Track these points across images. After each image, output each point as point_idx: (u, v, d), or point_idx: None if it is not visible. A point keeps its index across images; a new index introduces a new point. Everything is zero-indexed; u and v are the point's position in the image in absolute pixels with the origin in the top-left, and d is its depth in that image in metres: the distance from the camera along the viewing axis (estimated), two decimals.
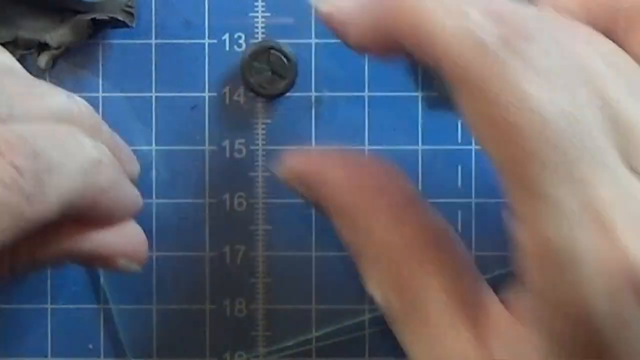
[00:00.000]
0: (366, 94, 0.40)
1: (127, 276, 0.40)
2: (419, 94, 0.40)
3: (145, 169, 0.40)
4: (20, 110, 0.32)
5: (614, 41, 0.29)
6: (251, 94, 0.40)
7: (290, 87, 0.39)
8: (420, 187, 0.40)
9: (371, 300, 0.39)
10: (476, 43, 0.27)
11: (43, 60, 0.39)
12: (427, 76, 0.40)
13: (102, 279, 0.40)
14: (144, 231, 0.39)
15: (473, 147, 0.40)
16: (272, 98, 0.39)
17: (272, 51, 0.39)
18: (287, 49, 0.39)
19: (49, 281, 0.40)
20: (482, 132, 0.27)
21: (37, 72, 0.40)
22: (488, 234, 0.38)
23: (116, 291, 0.40)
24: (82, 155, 0.33)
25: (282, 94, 0.39)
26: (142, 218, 0.39)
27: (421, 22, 0.28)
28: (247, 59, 0.39)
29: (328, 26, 0.31)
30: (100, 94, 0.40)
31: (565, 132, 0.26)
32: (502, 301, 0.29)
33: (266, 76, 0.39)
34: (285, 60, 0.39)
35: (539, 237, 0.26)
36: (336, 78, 0.40)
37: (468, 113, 0.27)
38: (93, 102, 0.40)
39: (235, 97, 0.40)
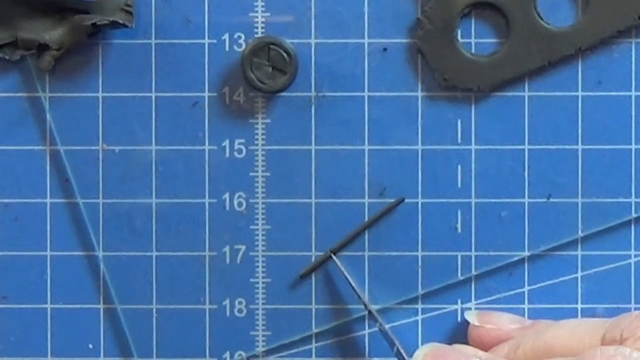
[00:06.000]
0: (366, 93, 0.40)
1: (127, 276, 0.40)
2: (419, 94, 0.40)
3: (145, 169, 0.40)
4: None
5: None
6: (251, 94, 0.40)
7: (290, 82, 0.39)
8: (420, 187, 0.40)
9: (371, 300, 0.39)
10: None
11: (43, 60, 0.39)
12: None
13: (102, 279, 0.40)
14: (144, 231, 0.39)
15: (473, 147, 0.40)
16: (273, 94, 0.39)
17: (272, 46, 0.38)
18: (287, 44, 0.39)
19: (49, 281, 0.40)
20: None
21: (37, 72, 0.40)
22: (488, 234, 0.38)
23: (116, 291, 0.40)
24: None
25: (282, 89, 0.39)
26: (142, 218, 0.40)
27: None
28: (246, 54, 0.38)
29: None
30: (100, 94, 0.40)
31: None
32: None
33: (266, 71, 0.39)
34: (285, 55, 0.39)
35: None
36: (336, 77, 0.39)
37: None
38: (93, 102, 0.40)
39: (235, 97, 0.40)
